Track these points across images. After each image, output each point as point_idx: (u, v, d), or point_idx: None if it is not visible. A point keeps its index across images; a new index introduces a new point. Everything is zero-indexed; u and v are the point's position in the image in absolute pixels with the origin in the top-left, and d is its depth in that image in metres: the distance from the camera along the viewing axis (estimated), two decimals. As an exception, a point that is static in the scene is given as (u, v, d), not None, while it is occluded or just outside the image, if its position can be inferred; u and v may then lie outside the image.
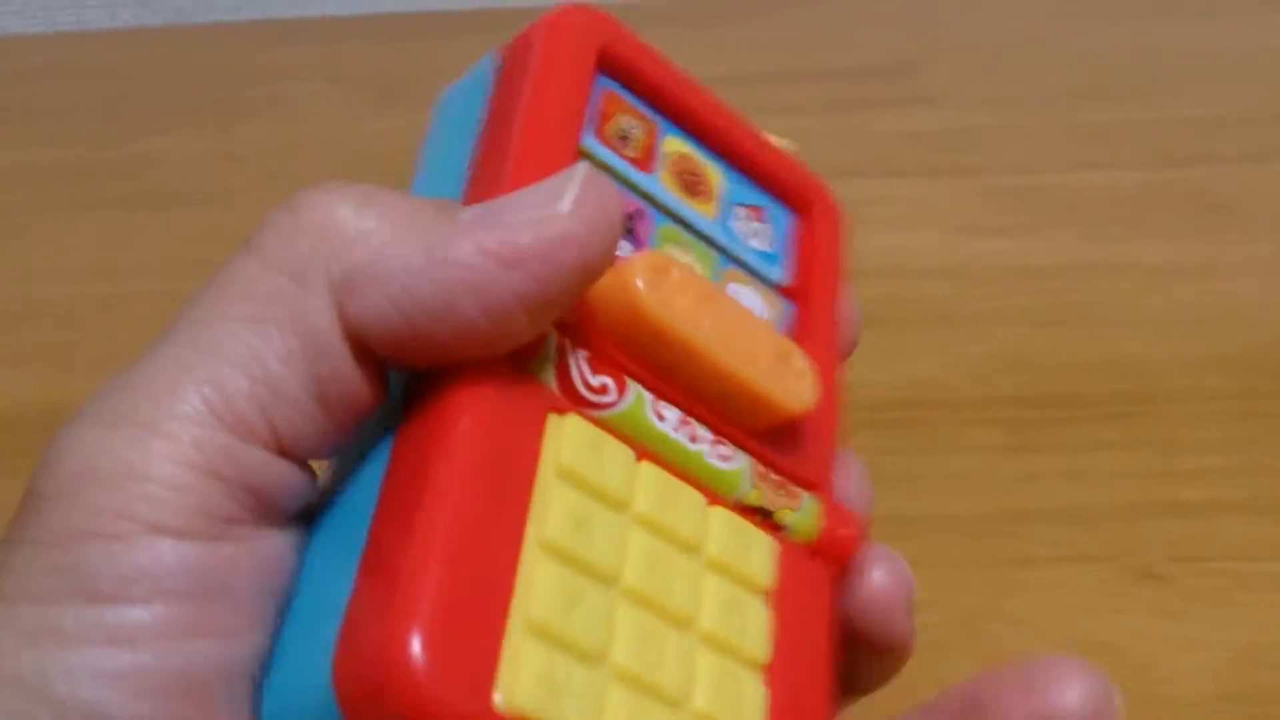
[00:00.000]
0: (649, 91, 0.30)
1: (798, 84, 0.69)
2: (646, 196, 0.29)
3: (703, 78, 0.29)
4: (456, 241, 0.23)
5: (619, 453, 0.25)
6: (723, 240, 0.30)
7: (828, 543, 0.27)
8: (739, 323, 0.27)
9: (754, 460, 0.27)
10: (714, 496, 0.26)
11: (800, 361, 0.27)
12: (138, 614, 0.22)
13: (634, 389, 0.26)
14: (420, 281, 0.23)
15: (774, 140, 0.32)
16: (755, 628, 0.25)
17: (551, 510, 0.23)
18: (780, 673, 0.25)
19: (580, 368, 0.25)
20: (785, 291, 0.30)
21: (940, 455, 0.47)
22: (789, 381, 0.27)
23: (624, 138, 0.29)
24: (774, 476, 0.27)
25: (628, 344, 0.26)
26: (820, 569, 0.27)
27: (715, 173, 0.31)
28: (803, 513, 0.27)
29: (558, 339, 0.25)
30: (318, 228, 0.24)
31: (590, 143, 0.28)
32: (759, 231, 0.31)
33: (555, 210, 0.23)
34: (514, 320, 0.23)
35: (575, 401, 0.25)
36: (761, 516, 0.27)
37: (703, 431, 0.27)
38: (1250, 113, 0.64)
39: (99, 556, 0.22)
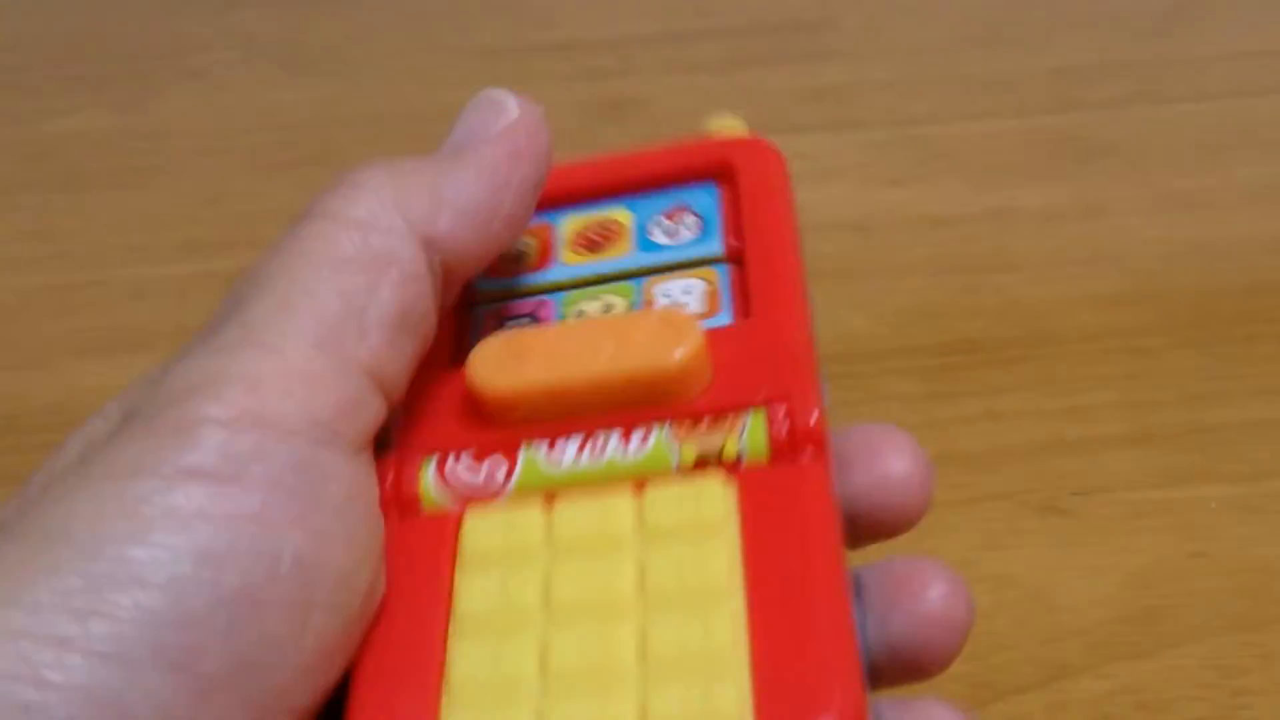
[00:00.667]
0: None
1: (700, 43, 0.72)
2: (547, 289, 0.32)
3: (608, 39, 0.33)
4: (486, 153, 0.29)
5: (525, 513, 0.27)
6: (642, 262, 0.32)
7: (784, 444, 0.27)
8: (579, 334, 0.28)
9: (673, 424, 0.27)
10: (649, 482, 0.27)
11: (673, 321, 0.28)
12: (246, 498, 0.24)
13: (524, 452, 0.28)
14: (477, 192, 0.28)
15: (718, 129, 0.34)
16: (713, 568, 0.25)
17: (462, 593, 0.26)
18: (759, 597, 0.25)
19: (461, 472, 0.28)
20: (728, 255, 0.31)
21: (866, 406, 0.51)
22: (651, 348, 0.28)
23: (515, 260, 0.32)
24: (704, 424, 0.27)
25: (501, 420, 0.28)
26: (790, 474, 0.27)
27: (620, 212, 0.33)
28: (748, 432, 0.27)
29: (437, 462, 0.28)
30: (374, 183, 0.28)
31: (484, 284, 0.32)
32: (685, 224, 0.32)
33: (511, 117, 0.30)
34: (530, 205, 0.29)
35: (474, 499, 0.27)
36: (713, 463, 0.27)
37: (610, 439, 0.27)
38: (1111, 58, 0.68)
39: (213, 437, 0.24)
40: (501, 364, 0.28)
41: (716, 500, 0.26)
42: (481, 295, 0.32)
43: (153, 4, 0.82)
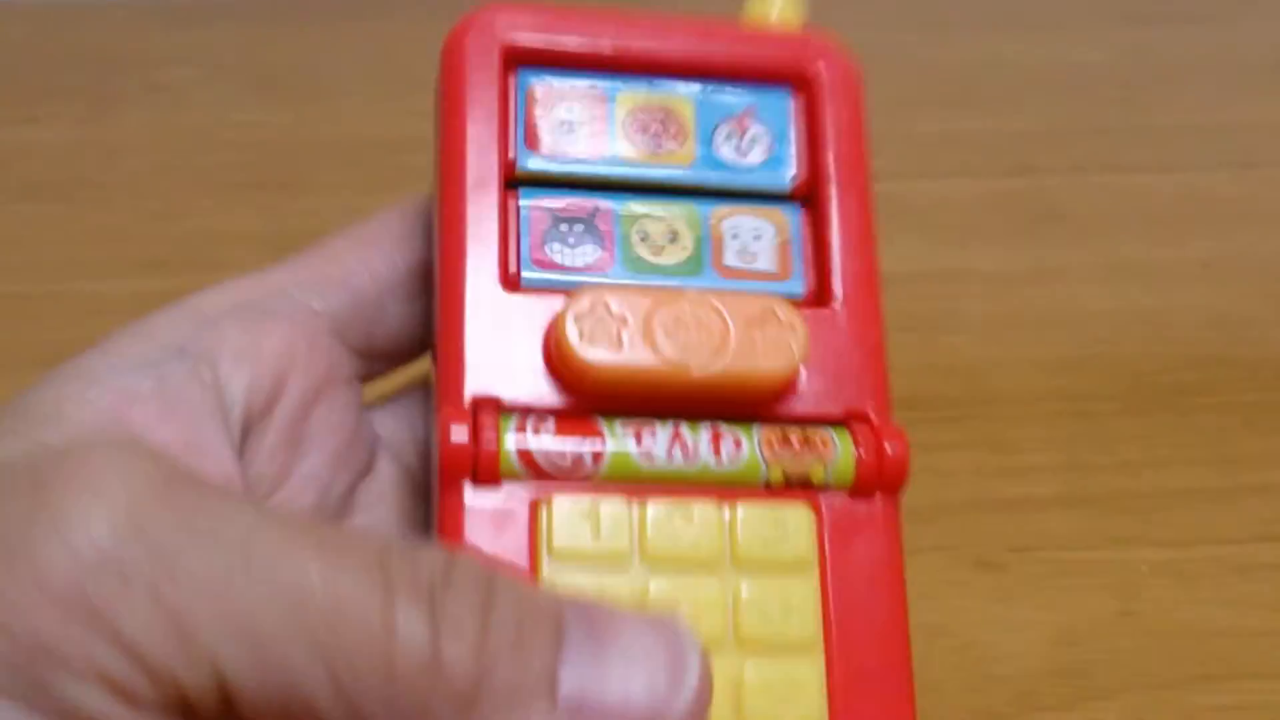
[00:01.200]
0: (578, 60, 0.29)
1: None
2: (604, 184, 0.29)
3: None
4: None
5: (616, 513, 0.26)
6: (706, 179, 0.29)
7: (868, 479, 0.27)
8: (695, 314, 0.27)
9: (765, 438, 0.27)
10: (735, 494, 0.27)
11: (780, 315, 0.27)
12: None
13: (611, 440, 0.27)
14: None
15: (772, 11, 0.31)
16: (801, 611, 0.26)
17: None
18: (839, 644, 0.26)
19: (547, 449, 0.26)
20: (797, 192, 0.30)
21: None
22: (767, 350, 0.27)
23: (566, 131, 0.29)
24: (795, 440, 0.27)
25: (591, 396, 0.27)
26: (870, 507, 0.27)
27: (684, 102, 0.30)
28: (835, 461, 0.27)
29: (516, 426, 0.26)
30: None
31: (526, 160, 0.29)
32: (754, 137, 0.30)
33: (676, 704, 0.23)
34: None
35: (554, 480, 0.26)
36: (797, 486, 0.27)
37: (699, 440, 0.27)
38: (1074, 125, 0.70)
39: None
40: (596, 334, 0.26)
41: (804, 534, 0.27)
42: (525, 175, 0.29)
43: (116, 18, 0.81)
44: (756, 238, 0.29)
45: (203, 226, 0.67)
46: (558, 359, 0.27)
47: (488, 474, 0.26)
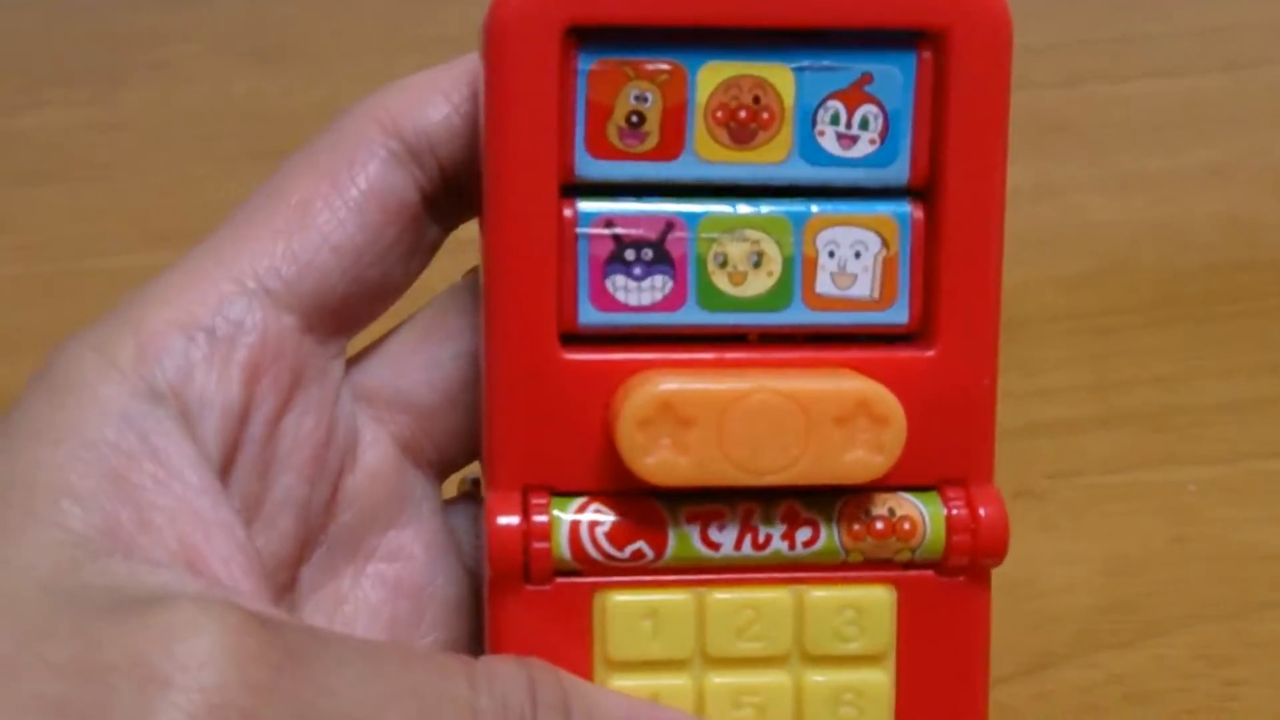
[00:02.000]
0: (652, 30, 0.22)
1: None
2: (677, 190, 0.22)
3: None
4: None
5: (673, 605, 0.22)
6: (802, 176, 0.22)
7: (959, 553, 0.23)
8: (771, 411, 0.21)
9: (846, 520, 0.23)
10: (809, 573, 0.23)
11: (873, 408, 0.21)
12: None
13: (674, 531, 0.22)
14: None
15: None
16: (874, 706, 0.22)
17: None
18: None
19: (602, 541, 0.22)
20: (914, 184, 0.23)
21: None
22: (853, 451, 0.22)
23: (634, 122, 0.22)
24: (879, 520, 0.23)
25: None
26: (959, 585, 0.23)
27: (780, 76, 0.22)
28: (924, 541, 0.23)
29: (572, 516, 0.22)
30: None
31: (586, 165, 0.22)
32: (865, 117, 0.22)
33: None
34: None
35: (611, 572, 0.22)
36: (878, 564, 0.23)
37: (773, 534, 0.23)
38: (1066, 37, 0.63)
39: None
40: (658, 433, 0.21)
41: (883, 623, 0.23)
42: (586, 184, 0.22)
43: (116, 1, 0.76)
44: (857, 254, 0.23)
45: (211, 197, 0.60)
46: (616, 453, 0.22)
47: (541, 572, 0.22)
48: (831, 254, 0.23)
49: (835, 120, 0.22)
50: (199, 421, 0.23)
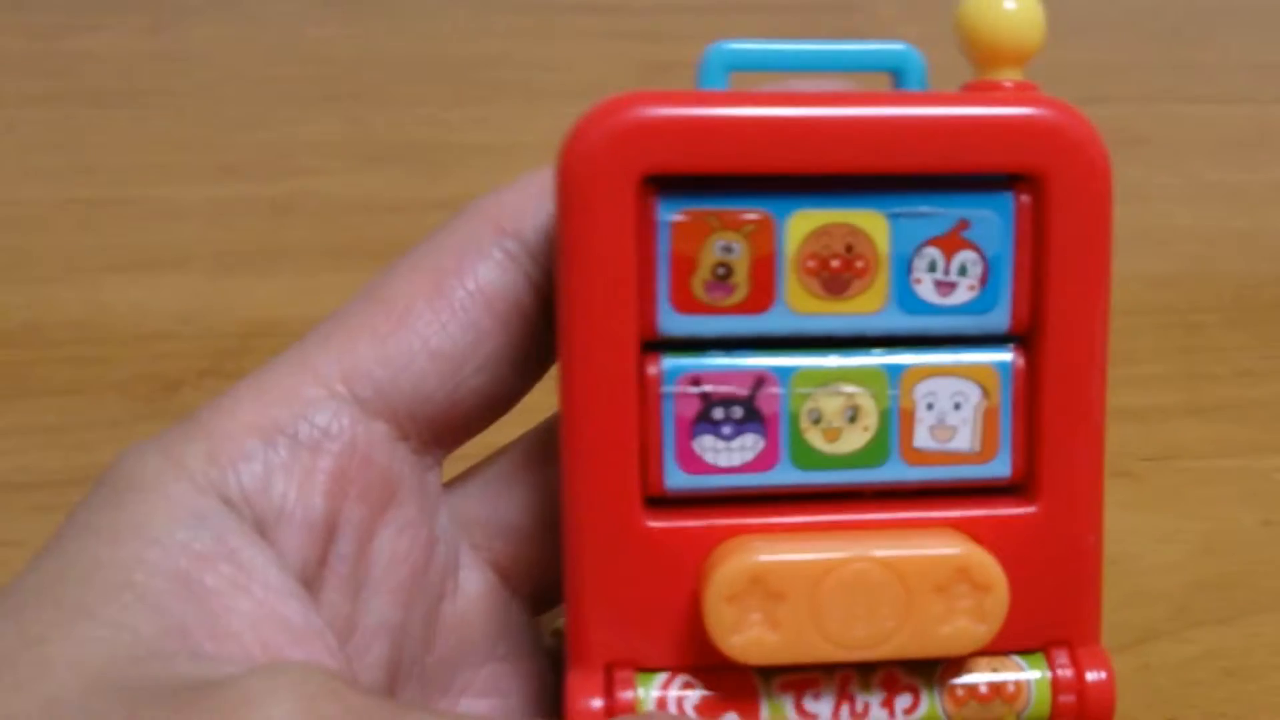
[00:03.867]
0: (737, 180, 0.20)
1: (735, 15, 0.68)
2: (767, 343, 0.21)
3: (646, 4, 0.24)
4: None
5: None
6: (899, 326, 0.21)
7: (1063, 717, 0.22)
8: (867, 581, 0.20)
9: (948, 688, 0.22)
10: None
11: (974, 575, 0.21)
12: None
13: (768, 705, 0.21)
14: None
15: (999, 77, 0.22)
16: None
17: None
18: None
19: (689, 715, 0.21)
20: (1011, 333, 0.22)
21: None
22: (954, 621, 0.21)
23: (720, 274, 0.21)
24: (983, 686, 0.22)
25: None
26: None
27: (874, 223, 0.21)
28: (1029, 704, 0.22)
29: (657, 693, 0.21)
30: None
31: (670, 320, 0.21)
32: (964, 264, 0.21)
33: None
34: None
35: None
36: None
37: (871, 703, 0.21)
38: (1136, 60, 0.64)
39: None
40: (747, 608, 0.20)
41: None
42: (670, 339, 0.21)
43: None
44: (957, 406, 0.22)
45: (281, 135, 0.61)
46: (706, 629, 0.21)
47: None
48: (930, 406, 0.22)
49: (933, 268, 0.21)
50: (277, 533, 0.21)
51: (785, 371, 0.21)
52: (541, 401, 0.24)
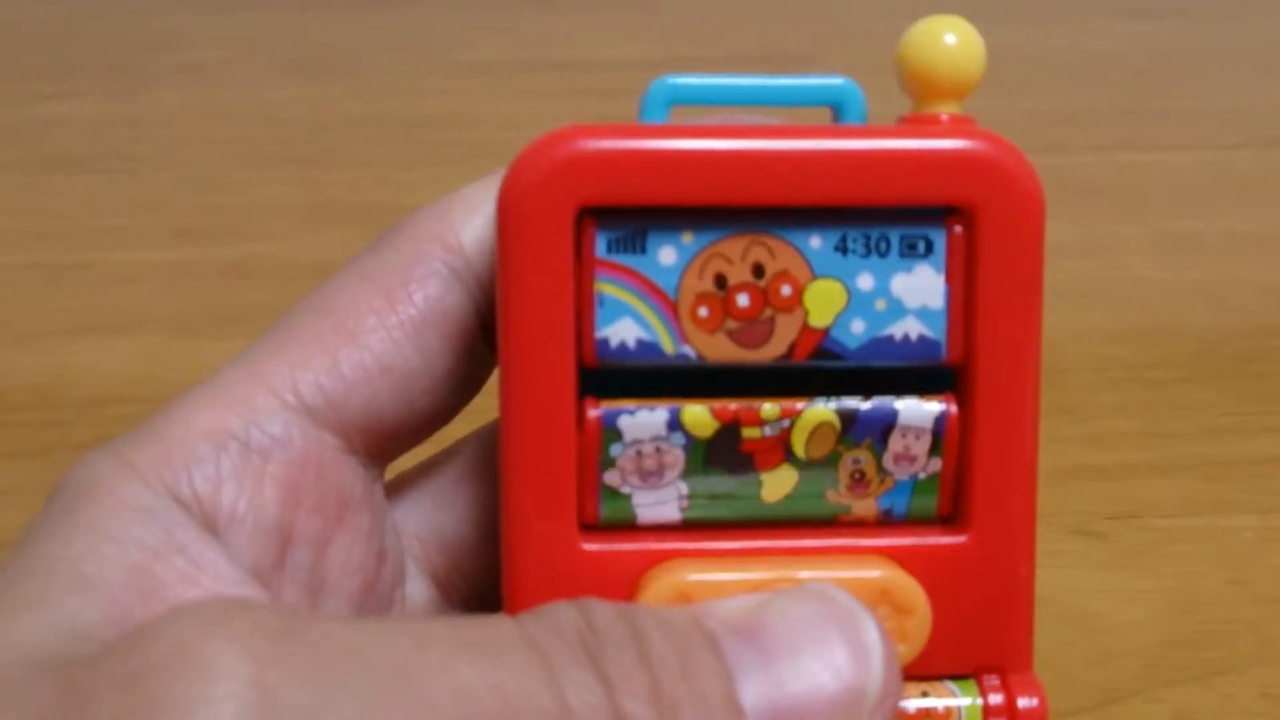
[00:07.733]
0: (669, 212, 0.20)
1: (692, 69, 0.67)
2: (697, 373, 0.21)
3: (603, 61, 0.25)
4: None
5: None
6: (826, 362, 0.21)
7: None
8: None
9: None
10: None
11: (897, 596, 0.20)
12: None
13: None
14: None
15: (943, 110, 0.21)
16: None
17: None
18: None
19: None
20: (948, 364, 0.21)
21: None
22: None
23: (651, 306, 0.21)
24: (911, 710, 0.21)
25: None
26: None
27: (796, 255, 0.20)
28: None
29: None
30: None
31: (607, 347, 0.21)
32: (911, 289, 0.21)
33: (870, 674, 0.19)
34: None
35: None
36: None
37: None
38: (1093, 108, 0.64)
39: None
40: None
41: None
42: (610, 365, 0.21)
43: (145, 3, 0.75)
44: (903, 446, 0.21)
45: (237, 198, 0.60)
46: None
47: None
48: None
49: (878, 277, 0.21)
50: (229, 535, 0.21)
51: (711, 400, 0.21)
52: (478, 403, 0.24)
